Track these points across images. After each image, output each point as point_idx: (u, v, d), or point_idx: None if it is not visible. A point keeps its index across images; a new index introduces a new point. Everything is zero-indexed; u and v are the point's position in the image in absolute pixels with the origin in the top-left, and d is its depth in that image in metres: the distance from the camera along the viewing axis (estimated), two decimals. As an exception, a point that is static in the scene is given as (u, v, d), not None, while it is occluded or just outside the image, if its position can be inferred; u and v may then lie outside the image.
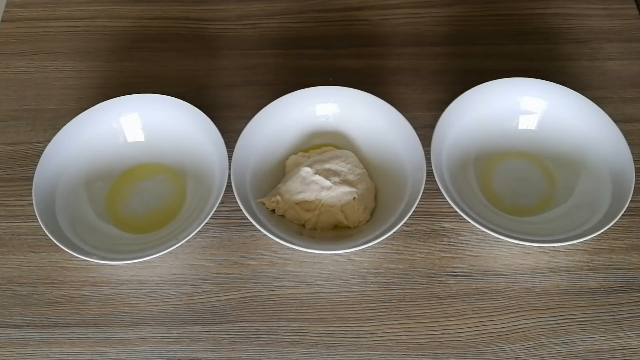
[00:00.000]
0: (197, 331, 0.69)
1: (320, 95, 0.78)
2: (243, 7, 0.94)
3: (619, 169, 0.72)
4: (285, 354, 0.68)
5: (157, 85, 0.85)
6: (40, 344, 0.68)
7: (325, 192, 0.72)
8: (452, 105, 0.75)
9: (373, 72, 0.87)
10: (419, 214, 0.75)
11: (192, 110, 0.76)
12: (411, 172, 0.73)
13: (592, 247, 0.73)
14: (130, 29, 0.92)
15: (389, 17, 0.93)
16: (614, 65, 0.88)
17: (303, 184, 0.73)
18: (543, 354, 0.67)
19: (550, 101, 0.78)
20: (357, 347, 0.68)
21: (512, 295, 0.71)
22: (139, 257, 0.68)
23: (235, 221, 0.75)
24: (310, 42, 0.90)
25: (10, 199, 0.77)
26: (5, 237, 0.75)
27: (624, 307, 0.70)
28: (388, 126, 0.76)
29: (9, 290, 0.71)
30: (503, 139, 0.79)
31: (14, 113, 0.84)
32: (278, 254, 0.73)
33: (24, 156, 0.80)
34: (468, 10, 0.93)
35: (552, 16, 0.93)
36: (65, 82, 0.86)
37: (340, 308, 0.70)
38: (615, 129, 0.74)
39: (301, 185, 0.73)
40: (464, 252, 0.73)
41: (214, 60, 0.89)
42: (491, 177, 0.77)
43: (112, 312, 0.70)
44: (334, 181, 0.72)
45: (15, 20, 0.93)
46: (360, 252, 0.73)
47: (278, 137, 0.77)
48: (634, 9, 0.93)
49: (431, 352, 0.68)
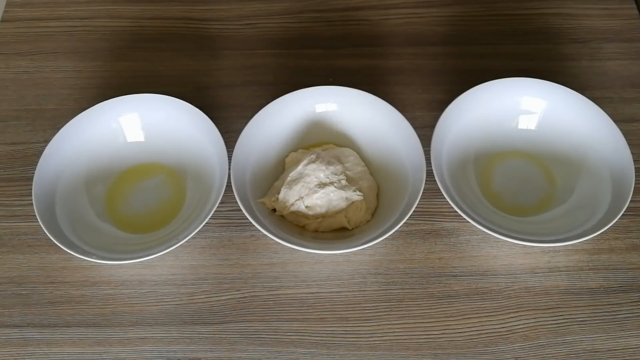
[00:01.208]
0: (196, 331, 0.69)
1: (320, 95, 0.78)
2: (243, 7, 0.94)
3: (619, 169, 0.72)
4: (285, 354, 0.68)
5: (157, 85, 0.85)
6: (40, 344, 0.68)
7: (327, 199, 0.72)
8: (452, 105, 0.75)
9: (373, 72, 0.87)
10: (419, 214, 0.75)
11: (192, 110, 0.76)
12: (411, 172, 0.73)
13: (592, 247, 0.73)
14: (130, 28, 0.92)
15: (389, 17, 0.93)
16: (614, 65, 0.88)
17: (304, 189, 0.72)
18: (543, 354, 0.67)
19: (550, 101, 0.78)
20: (357, 347, 0.68)
21: (512, 295, 0.71)
22: (139, 257, 0.68)
23: (235, 221, 0.75)
24: (310, 42, 0.90)
25: (10, 199, 0.77)
26: (5, 237, 0.75)
27: (624, 307, 0.70)
28: (388, 126, 0.76)
29: (9, 290, 0.71)
30: (503, 139, 0.79)
31: (14, 113, 0.84)
32: (278, 254, 0.73)
33: (24, 156, 0.80)
34: (468, 10, 0.93)
35: (552, 16, 0.93)
36: (65, 82, 0.86)
37: (340, 308, 0.70)
38: (615, 129, 0.74)
39: (302, 192, 0.72)
40: (464, 252, 0.73)
41: (214, 60, 0.89)
42: (491, 177, 0.77)
43: (112, 312, 0.70)
44: (336, 185, 0.72)
45: (15, 20, 0.93)
46: (360, 252, 0.73)
47: (278, 137, 0.77)
48: (634, 9, 0.93)
49: (431, 352, 0.68)
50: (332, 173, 0.72)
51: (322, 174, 0.72)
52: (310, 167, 0.72)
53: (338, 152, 0.76)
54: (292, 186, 0.72)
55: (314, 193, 0.72)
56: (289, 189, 0.72)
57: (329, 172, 0.72)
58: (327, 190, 0.72)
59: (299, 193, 0.72)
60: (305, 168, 0.72)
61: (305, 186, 0.72)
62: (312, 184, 0.72)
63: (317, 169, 0.72)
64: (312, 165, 0.72)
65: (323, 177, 0.72)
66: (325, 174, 0.72)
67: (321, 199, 0.72)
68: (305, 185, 0.72)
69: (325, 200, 0.72)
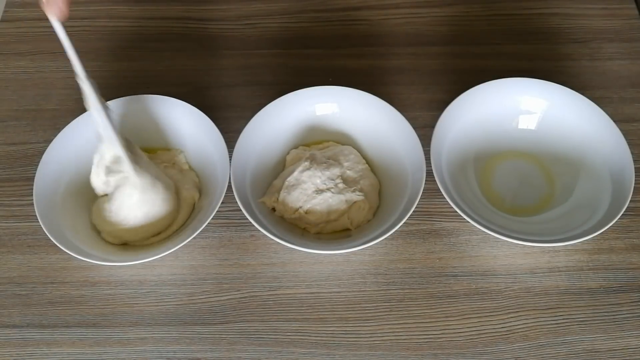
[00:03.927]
0: (196, 331, 0.69)
1: (320, 95, 0.78)
2: (243, 7, 0.94)
3: (618, 169, 0.72)
4: (285, 354, 0.68)
5: (157, 85, 0.85)
6: (40, 344, 0.68)
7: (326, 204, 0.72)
8: (452, 105, 0.75)
9: (373, 72, 0.87)
10: (419, 214, 0.75)
11: (192, 110, 0.76)
12: (411, 172, 0.73)
13: (592, 247, 0.73)
14: (130, 29, 0.92)
15: (389, 17, 0.93)
16: (614, 65, 0.88)
17: (302, 195, 0.72)
18: (543, 354, 0.68)
19: (550, 101, 0.78)
20: (357, 347, 0.68)
21: (511, 295, 0.71)
22: (139, 258, 0.68)
23: (235, 221, 0.75)
24: (310, 42, 0.90)
25: (10, 199, 0.77)
26: (5, 237, 0.75)
27: (624, 307, 0.70)
28: (388, 126, 0.76)
29: (9, 290, 0.71)
30: (503, 139, 0.79)
31: (13, 113, 0.84)
32: (278, 254, 0.73)
33: (24, 156, 0.80)
34: (468, 10, 0.93)
35: (551, 16, 0.93)
36: (65, 82, 0.86)
37: (340, 308, 0.70)
38: (615, 129, 0.74)
39: (301, 198, 0.72)
40: (464, 252, 0.73)
41: (214, 60, 0.89)
42: (491, 177, 0.77)
43: (111, 312, 0.70)
44: (333, 191, 0.72)
45: (15, 20, 0.93)
46: (360, 252, 0.73)
47: (278, 137, 0.77)
48: (633, 9, 0.93)
49: (431, 352, 0.68)
50: (329, 178, 0.72)
51: (318, 180, 0.72)
52: (306, 174, 0.72)
53: (338, 150, 0.76)
54: (291, 191, 0.72)
55: (312, 199, 0.72)
56: (287, 194, 0.72)
57: (325, 177, 0.72)
58: (324, 197, 0.72)
59: (297, 200, 0.72)
60: (302, 175, 0.72)
61: (303, 192, 0.72)
62: (310, 190, 0.72)
63: (313, 176, 0.72)
64: (307, 172, 0.72)
65: (320, 184, 0.72)
66: (321, 180, 0.72)
67: (320, 205, 0.72)
68: (303, 192, 0.72)
69: (325, 206, 0.72)
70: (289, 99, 0.77)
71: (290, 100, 0.77)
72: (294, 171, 0.73)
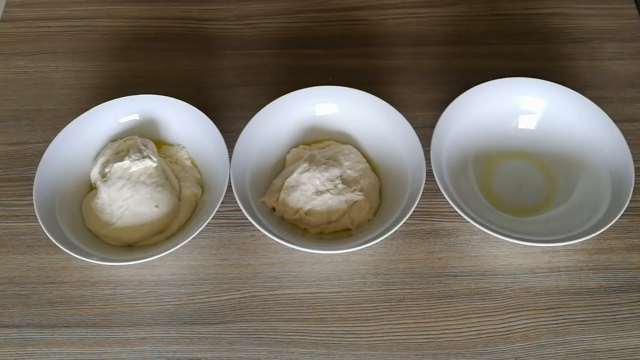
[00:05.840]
0: (196, 331, 0.69)
1: (320, 95, 0.78)
2: (243, 7, 0.94)
3: (618, 169, 0.72)
4: (285, 354, 0.68)
5: (157, 85, 0.85)
6: (40, 344, 0.68)
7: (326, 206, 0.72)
8: (452, 105, 0.75)
9: (373, 72, 0.87)
10: (419, 213, 0.75)
11: (192, 110, 0.76)
12: (411, 172, 0.73)
13: (592, 247, 0.73)
14: (130, 28, 0.92)
15: (389, 17, 0.93)
16: (614, 65, 0.88)
17: (302, 197, 0.72)
18: (543, 354, 0.68)
19: (550, 101, 0.78)
20: (357, 347, 0.68)
21: (511, 295, 0.71)
22: (139, 258, 0.68)
23: (235, 221, 0.75)
24: (309, 42, 0.90)
25: (10, 199, 0.77)
26: (5, 237, 0.75)
27: (624, 307, 0.70)
28: (388, 126, 0.76)
29: (9, 290, 0.71)
30: (503, 139, 0.79)
31: (13, 113, 0.84)
32: (278, 254, 0.73)
33: (24, 156, 0.80)
34: (468, 10, 0.93)
35: (551, 16, 0.93)
36: (65, 82, 0.86)
37: (340, 308, 0.70)
38: (615, 129, 0.74)
39: (301, 199, 0.72)
40: (464, 252, 0.73)
41: (214, 60, 0.89)
42: (491, 177, 0.77)
43: (111, 312, 0.70)
44: (332, 192, 0.72)
45: (15, 20, 0.93)
46: (360, 252, 0.73)
47: (278, 137, 0.77)
48: (633, 9, 0.93)
49: (431, 352, 0.68)
50: (328, 179, 0.72)
51: (317, 182, 0.72)
52: (306, 176, 0.72)
53: (338, 149, 0.76)
54: (291, 193, 0.72)
55: (312, 200, 0.72)
56: (287, 195, 0.72)
57: (324, 178, 0.72)
58: (324, 198, 0.72)
59: (297, 201, 0.72)
60: (301, 176, 0.72)
61: (303, 194, 0.72)
62: (309, 192, 0.72)
63: (313, 177, 0.72)
64: (306, 173, 0.72)
65: (319, 185, 0.72)
66: (320, 181, 0.72)
67: (320, 206, 0.72)
68: (303, 193, 0.72)
69: (325, 207, 0.72)
70: (289, 99, 0.77)
71: (290, 100, 0.77)
72: (293, 172, 0.73)
